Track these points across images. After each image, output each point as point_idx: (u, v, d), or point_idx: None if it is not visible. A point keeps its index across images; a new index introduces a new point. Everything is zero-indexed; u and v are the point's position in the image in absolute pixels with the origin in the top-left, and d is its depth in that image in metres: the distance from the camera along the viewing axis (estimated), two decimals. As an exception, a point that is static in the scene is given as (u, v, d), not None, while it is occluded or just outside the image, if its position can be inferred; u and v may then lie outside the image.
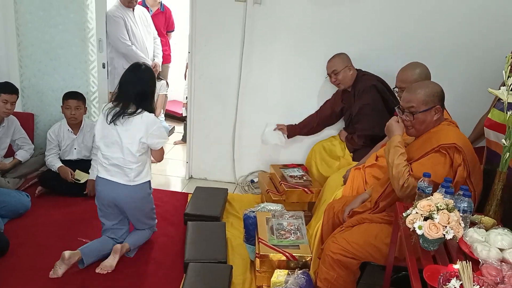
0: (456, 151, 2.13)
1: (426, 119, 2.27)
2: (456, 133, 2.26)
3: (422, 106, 2.26)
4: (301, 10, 3.62)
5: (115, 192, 2.82)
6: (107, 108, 2.78)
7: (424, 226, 1.70)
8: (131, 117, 2.71)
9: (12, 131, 3.68)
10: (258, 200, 3.75)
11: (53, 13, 3.86)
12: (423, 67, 2.73)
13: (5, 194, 3.28)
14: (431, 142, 2.21)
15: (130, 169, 2.78)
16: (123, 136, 2.73)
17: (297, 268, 2.49)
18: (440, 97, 2.27)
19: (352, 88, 3.45)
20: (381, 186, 2.45)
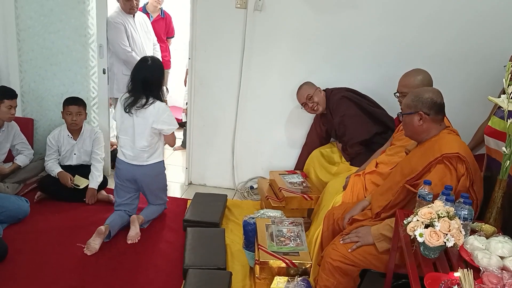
0: (459, 161, 2.13)
1: (411, 123, 2.29)
2: (458, 142, 2.25)
3: (406, 109, 2.31)
4: (301, 17, 3.64)
5: (133, 171, 3.24)
6: (124, 98, 3.14)
7: (425, 234, 1.70)
8: (144, 107, 3.05)
9: (12, 136, 3.67)
10: (257, 207, 3.75)
11: (53, 19, 3.87)
12: (425, 73, 2.74)
13: (4, 199, 3.27)
14: (433, 151, 2.20)
15: (143, 151, 3.16)
16: (137, 124, 3.09)
17: (297, 275, 2.49)
18: (427, 104, 2.24)
19: (326, 108, 3.55)
20: (380, 195, 2.44)
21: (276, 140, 3.99)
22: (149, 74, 3.10)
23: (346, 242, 2.33)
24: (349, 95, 3.46)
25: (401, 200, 2.29)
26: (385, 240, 2.23)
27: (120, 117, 3.17)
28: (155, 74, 3.13)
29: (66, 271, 2.82)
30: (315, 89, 3.53)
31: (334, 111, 3.48)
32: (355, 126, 3.35)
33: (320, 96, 3.53)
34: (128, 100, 3.08)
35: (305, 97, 3.52)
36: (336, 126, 3.48)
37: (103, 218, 3.43)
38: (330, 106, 3.52)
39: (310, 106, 3.53)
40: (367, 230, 2.30)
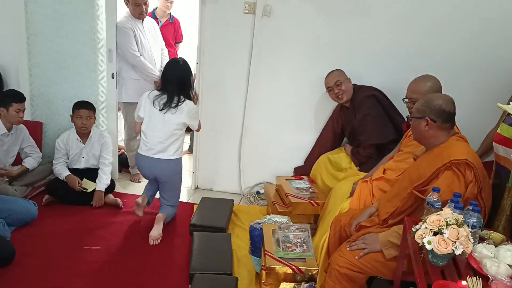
0: (468, 167, 2.11)
1: (418, 127, 2.30)
2: (467, 148, 2.24)
3: (415, 113, 2.31)
4: (309, 23, 3.64)
5: (155, 167, 3.34)
6: (154, 96, 3.28)
7: (433, 241, 1.70)
8: (178, 105, 3.23)
9: (21, 139, 3.70)
10: (264, 212, 3.74)
11: (63, 23, 3.90)
12: (434, 80, 2.73)
13: (12, 202, 3.29)
14: (442, 157, 2.19)
15: (172, 146, 3.30)
16: (168, 120, 3.24)
17: (303, 282, 2.47)
18: (435, 111, 2.23)
19: (350, 103, 3.49)
20: (388, 201, 2.43)
21: (283, 145, 3.99)
22: (183, 75, 3.29)
23: (353, 249, 2.32)
24: (378, 95, 3.41)
25: (409, 206, 2.27)
26: (392, 248, 2.22)
27: (148, 114, 3.29)
28: (188, 75, 3.32)
29: (73, 275, 2.83)
30: (346, 78, 3.46)
31: (358, 107, 3.41)
32: (376, 128, 3.29)
33: (349, 86, 3.45)
34: (163, 99, 3.24)
35: (334, 82, 3.44)
36: (356, 123, 3.42)
37: (110, 222, 3.47)
38: (355, 101, 3.46)
39: (336, 92, 3.45)
40: (375, 237, 2.29)
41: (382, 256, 2.25)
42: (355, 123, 3.45)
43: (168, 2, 4.95)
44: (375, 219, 2.45)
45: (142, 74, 4.07)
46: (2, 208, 3.15)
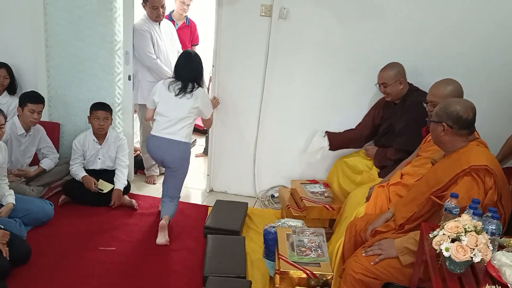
0: (488, 174, 2.08)
1: (435, 131, 2.28)
2: (486, 154, 2.20)
3: (434, 116, 2.30)
4: (325, 26, 3.63)
5: (165, 148, 3.40)
6: (170, 81, 3.43)
7: (451, 248, 1.66)
8: (192, 91, 3.38)
9: (38, 140, 3.75)
10: (278, 215, 3.73)
11: (81, 26, 3.94)
12: (456, 84, 2.68)
13: (29, 202, 3.33)
14: (461, 162, 2.16)
15: (184, 128, 3.40)
16: (184, 104, 3.36)
17: (317, 287, 2.45)
18: (452, 117, 2.20)
19: (401, 101, 3.35)
20: (404, 206, 2.40)
21: (298, 149, 3.97)
22: (195, 65, 3.43)
23: (369, 255, 2.29)
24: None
25: (426, 212, 2.24)
26: (408, 254, 2.19)
27: (164, 97, 3.41)
28: (199, 65, 3.47)
29: (87, 275, 2.85)
30: (395, 81, 3.27)
31: (408, 109, 3.26)
32: (416, 136, 3.13)
33: (396, 89, 3.29)
34: (178, 85, 3.38)
35: (381, 82, 3.32)
36: (398, 123, 3.31)
37: (125, 223, 3.49)
38: (406, 102, 3.30)
39: (382, 91, 3.36)
40: (390, 242, 2.26)
41: (398, 262, 2.22)
42: (397, 123, 3.33)
43: (184, 5, 4.97)
44: (391, 224, 2.42)
45: (157, 77, 4.09)
46: (19, 208, 3.19)
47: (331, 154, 3.83)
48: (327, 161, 3.88)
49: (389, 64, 3.33)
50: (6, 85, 4.00)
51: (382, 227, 2.44)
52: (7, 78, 3.98)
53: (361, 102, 3.73)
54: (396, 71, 3.27)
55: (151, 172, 4.36)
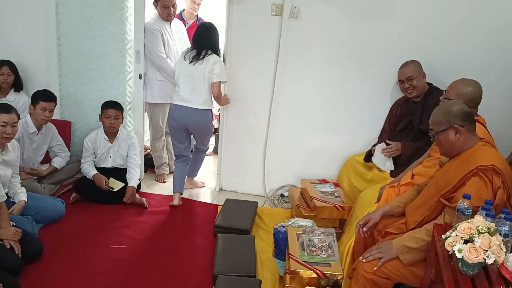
0: (495, 173, 2.07)
1: (447, 139, 2.24)
2: (494, 153, 2.19)
3: (438, 127, 2.26)
4: (336, 26, 3.62)
5: (185, 116, 3.67)
6: (186, 51, 3.69)
7: (464, 250, 1.65)
8: (205, 57, 3.57)
9: (50, 138, 3.78)
10: (288, 215, 3.72)
11: (93, 25, 3.96)
12: (476, 84, 2.67)
13: (41, 199, 3.36)
14: (468, 163, 2.15)
15: (200, 95, 3.61)
16: (197, 70, 3.58)
17: (328, 287, 2.45)
18: (460, 116, 2.20)
19: (421, 99, 3.32)
20: (415, 209, 2.38)
21: (308, 148, 3.97)
22: (210, 34, 3.62)
23: (369, 260, 2.27)
24: None
25: (437, 214, 2.23)
26: (408, 252, 2.18)
27: (179, 66, 3.66)
28: (215, 35, 3.65)
29: (98, 273, 2.86)
30: (420, 73, 3.27)
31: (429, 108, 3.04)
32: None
33: (421, 82, 3.27)
34: (192, 53, 3.61)
35: (406, 76, 3.28)
36: (418, 121, 3.26)
37: (136, 221, 3.51)
38: (428, 100, 3.26)
39: (406, 87, 3.30)
40: (389, 244, 2.26)
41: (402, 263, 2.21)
42: (417, 121, 3.29)
43: (195, 4, 4.98)
44: (402, 227, 2.41)
45: (167, 76, 4.10)
46: (31, 206, 3.22)
47: (341, 153, 3.83)
48: (337, 160, 3.87)
49: (407, 61, 3.35)
50: (11, 82, 4.02)
51: (393, 229, 2.43)
52: (11, 75, 4.00)
53: (372, 101, 3.72)
54: (418, 65, 3.30)
55: (161, 170, 4.38)
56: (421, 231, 2.17)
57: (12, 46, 4.14)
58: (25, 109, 3.96)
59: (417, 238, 2.16)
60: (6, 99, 3.98)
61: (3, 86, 3.99)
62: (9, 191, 3.16)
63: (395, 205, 2.55)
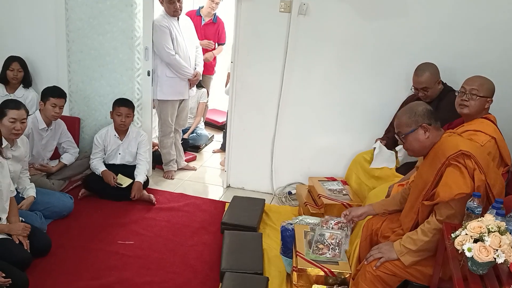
0: (466, 157, 2.10)
1: (417, 139, 2.28)
2: (459, 140, 2.23)
3: (406, 128, 2.29)
4: (346, 23, 3.59)
5: None
6: None
7: (474, 249, 1.64)
8: None
9: (59, 134, 3.80)
10: (295, 212, 3.71)
11: (102, 21, 3.97)
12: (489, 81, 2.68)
13: (50, 195, 3.38)
14: (438, 157, 2.19)
15: None
16: None
17: (335, 285, 2.44)
18: (426, 115, 2.26)
19: (435, 100, 3.26)
20: (405, 216, 2.37)
21: (316, 146, 3.95)
22: None
23: (370, 261, 2.29)
24: None
25: (427, 215, 2.23)
26: (408, 254, 2.19)
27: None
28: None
29: (106, 268, 2.88)
30: (435, 82, 3.19)
31: (444, 110, 3.11)
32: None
33: (436, 89, 3.21)
34: None
35: (421, 86, 3.20)
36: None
37: (143, 217, 3.52)
38: (442, 102, 3.19)
39: (421, 95, 3.23)
40: (390, 245, 2.28)
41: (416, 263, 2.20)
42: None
43: (213, 3, 4.99)
44: (400, 232, 2.40)
45: (176, 72, 4.10)
46: (40, 201, 3.24)
47: (349, 151, 3.81)
48: (345, 158, 3.85)
49: (423, 67, 3.22)
50: (21, 78, 4.04)
51: (392, 234, 2.42)
52: (21, 71, 4.02)
53: (382, 100, 3.69)
54: (433, 71, 3.20)
55: (169, 167, 4.39)
56: (417, 232, 2.19)
57: (22, 41, 4.17)
58: (33, 105, 3.98)
59: (415, 239, 2.18)
60: (15, 94, 4.00)
61: (12, 82, 4.01)
62: (18, 186, 3.19)
63: (379, 209, 2.60)
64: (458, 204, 2.07)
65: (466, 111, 2.66)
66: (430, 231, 2.12)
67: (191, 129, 5.22)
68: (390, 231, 2.45)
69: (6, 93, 4.01)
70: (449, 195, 2.05)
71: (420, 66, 3.24)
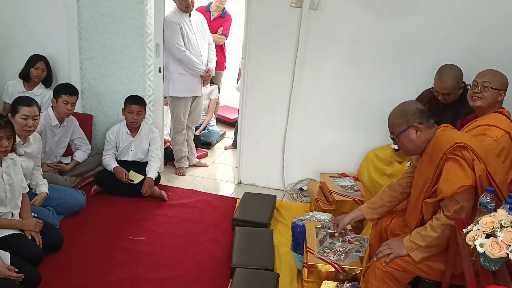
0: (462, 149, 2.08)
1: (409, 139, 2.26)
2: (454, 133, 2.22)
3: (397, 128, 2.28)
4: (358, 19, 3.55)
5: None
6: None
7: (486, 244, 1.61)
8: None
9: (71, 131, 3.82)
10: (306, 209, 3.70)
11: (114, 19, 3.98)
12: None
13: (62, 191, 3.41)
14: (435, 153, 2.16)
15: None
16: None
17: (346, 281, 2.42)
18: (416, 114, 2.24)
19: (457, 100, 3.12)
20: (409, 216, 2.35)
21: (327, 142, 3.93)
22: None
23: (379, 257, 2.27)
24: None
25: (432, 213, 2.20)
26: (418, 250, 2.17)
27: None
28: None
29: (117, 264, 2.89)
30: (458, 86, 3.02)
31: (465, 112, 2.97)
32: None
33: (458, 93, 3.06)
34: None
35: (444, 92, 3.04)
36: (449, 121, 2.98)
37: (155, 214, 3.53)
38: (462, 104, 3.04)
39: (441, 98, 3.09)
40: (399, 241, 2.26)
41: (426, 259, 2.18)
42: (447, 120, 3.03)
43: None
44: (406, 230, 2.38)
45: (188, 69, 4.11)
46: (52, 197, 3.26)
47: (361, 147, 3.78)
48: (357, 155, 3.82)
49: (448, 71, 3.02)
50: (43, 78, 4.09)
51: (400, 231, 2.39)
52: (45, 71, 4.07)
53: (394, 97, 3.60)
54: (459, 77, 3.03)
55: (180, 164, 4.40)
56: (426, 228, 2.16)
57: (35, 39, 4.21)
58: (50, 104, 4.02)
59: (424, 235, 2.15)
60: (33, 92, 4.05)
61: (34, 80, 4.06)
62: (31, 182, 3.22)
63: (369, 214, 2.56)
64: (463, 197, 2.05)
65: (478, 103, 2.60)
66: (439, 227, 2.09)
67: (202, 125, 5.22)
68: (399, 228, 2.43)
69: (24, 90, 4.06)
70: (452, 189, 2.03)
71: (445, 71, 3.03)
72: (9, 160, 2.77)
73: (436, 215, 2.14)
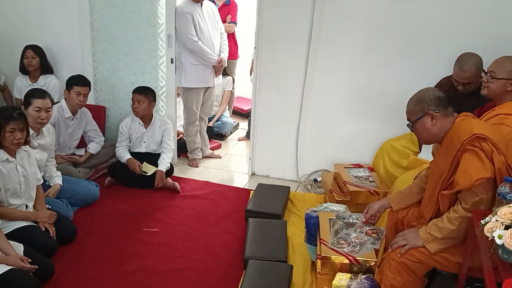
0: (481, 140, 2.01)
1: (424, 127, 2.21)
2: (472, 123, 2.13)
3: (413, 116, 2.24)
4: (373, 6, 3.47)
5: None
6: None
7: (505, 236, 1.56)
8: None
9: (85, 122, 3.83)
10: (321, 200, 3.66)
11: (126, 10, 3.97)
12: None
13: (76, 183, 3.43)
14: (453, 143, 2.10)
15: None
16: None
17: (360, 273, 2.38)
18: (433, 102, 2.18)
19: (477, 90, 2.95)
20: (425, 207, 2.29)
21: (341, 133, 3.87)
22: None
23: (394, 248, 2.23)
24: None
25: (448, 204, 2.15)
26: (434, 241, 2.12)
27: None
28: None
29: (130, 255, 2.90)
30: (479, 77, 2.78)
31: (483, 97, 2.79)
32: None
33: (478, 83, 2.85)
34: None
35: (464, 81, 2.94)
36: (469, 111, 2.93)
37: (168, 205, 3.53)
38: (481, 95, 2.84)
39: (461, 88, 2.99)
40: (415, 232, 2.21)
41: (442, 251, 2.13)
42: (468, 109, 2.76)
43: None
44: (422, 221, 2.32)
45: (200, 59, 4.08)
46: (66, 189, 3.28)
47: (377, 138, 3.71)
48: (372, 146, 3.75)
49: (469, 60, 2.92)
50: (36, 64, 4.07)
51: (417, 222, 2.34)
52: (35, 57, 4.05)
53: (409, 86, 3.53)
54: (479, 66, 2.91)
55: (194, 155, 4.39)
56: (443, 220, 2.10)
57: (47, 32, 4.21)
58: (55, 93, 4.04)
59: (441, 227, 2.10)
60: (38, 83, 4.06)
61: (29, 69, 4.08)
62: (45, 174, 3.24)
63: (397, 204, 2.51)
64: (481, 190, 1.99)
65: (484, 92, 2.56)
66: (457, 219, 2.04)
67: (216, 117, 5.20)
68: (416, 219, 2.38)
69: (30, 83, 4.09)
70: (469, 182, 1.97)
71: (465, 59, 2.93)
72: (23, 152, 2.78)
73: (454, 207, 2.08)
